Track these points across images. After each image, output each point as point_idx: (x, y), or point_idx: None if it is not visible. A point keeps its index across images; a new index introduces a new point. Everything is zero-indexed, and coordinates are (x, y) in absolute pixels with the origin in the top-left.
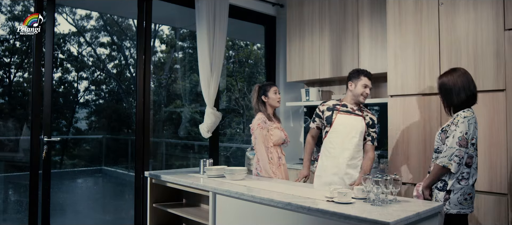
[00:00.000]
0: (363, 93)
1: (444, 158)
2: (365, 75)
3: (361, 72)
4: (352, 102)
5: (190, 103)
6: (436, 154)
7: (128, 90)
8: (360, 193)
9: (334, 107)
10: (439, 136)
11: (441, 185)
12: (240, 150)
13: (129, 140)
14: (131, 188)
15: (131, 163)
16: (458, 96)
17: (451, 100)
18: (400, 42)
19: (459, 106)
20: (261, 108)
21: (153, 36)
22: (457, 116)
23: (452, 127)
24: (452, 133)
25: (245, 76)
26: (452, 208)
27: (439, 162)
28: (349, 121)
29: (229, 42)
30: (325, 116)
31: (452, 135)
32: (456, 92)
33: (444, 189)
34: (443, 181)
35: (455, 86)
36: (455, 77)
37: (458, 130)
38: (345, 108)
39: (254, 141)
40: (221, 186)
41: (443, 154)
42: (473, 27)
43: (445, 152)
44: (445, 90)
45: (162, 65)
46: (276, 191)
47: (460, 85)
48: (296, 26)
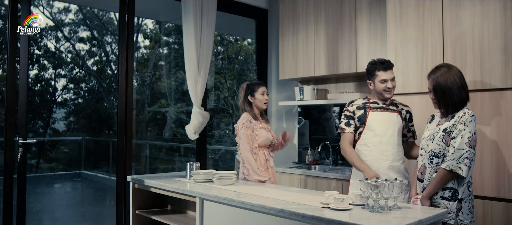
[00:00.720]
0: (385, 89)
1: (452, 161)
2: (381, 68)
3: (375, 67)
4: (378, 99)
5: (176, 103)
6: (437, 159)
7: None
8: (358, 199)
9: (365, 105)
10: (442, 138)
11: (450, 194)
12: (229, 153)
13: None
14: (113, 193)
15: (113, 167)
16: (459, 94)
17: (450, 100)
18: (401, 37)
19: (459, 105)
20: (247, 109)
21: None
22: (464, 114)
23: (460, 126)
24: (461, 133)
25: (235, 73)
26: (465, 218)
27: (445, 166)
28: (383, 117)
29: (218, 37)
30: (357, 115)
31: (460, 135)
32: (456, 90)
33: (454, 198)
34: (451, 190)
35: (454, 85)
36: (452, 75)
37: (467, 130)
38: (377, 105)
39: (239, 142)
40: (209, 191)
41: (450, 156)
42: (479, 21)
43: (452, 155)
44: (443, 90)
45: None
46: (268, 196)
47: (459, 83)
48: (290, 19)
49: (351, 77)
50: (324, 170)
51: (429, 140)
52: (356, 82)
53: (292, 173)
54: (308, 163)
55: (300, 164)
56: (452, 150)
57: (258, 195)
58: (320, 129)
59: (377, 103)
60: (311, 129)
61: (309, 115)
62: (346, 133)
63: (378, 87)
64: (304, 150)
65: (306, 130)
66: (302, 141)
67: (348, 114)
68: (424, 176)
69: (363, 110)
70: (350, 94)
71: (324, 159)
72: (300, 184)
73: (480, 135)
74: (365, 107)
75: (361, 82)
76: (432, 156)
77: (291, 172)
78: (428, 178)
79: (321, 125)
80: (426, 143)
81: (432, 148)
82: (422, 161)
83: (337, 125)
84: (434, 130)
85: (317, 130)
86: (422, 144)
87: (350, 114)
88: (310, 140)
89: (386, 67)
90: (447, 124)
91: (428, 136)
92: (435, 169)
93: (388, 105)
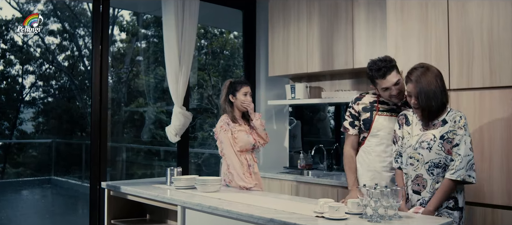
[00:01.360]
0: (391, 96)
1: (461, 170)
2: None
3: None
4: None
5: (155, 102)
6: (438, 169)
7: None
8: (355, 207)
9: (373, 107)
10: (441, 147)
11: (453, 203)
12: (214, 157)
13: (83, 145)
14: (86, 201)
15: (86, 172)
16: (442, 98)
17: (435, 105)
18: (402, 29)
19: (438, 112)
20: (227, 109)
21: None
22: (460, 118)
23: (460, 132)
24: (463, 138)
25: (220, 70)
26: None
27: (456, 177)
28: (391, 123)
29: (201, 29)
30: (363, 118)
31: (463, 141)
32: (439, 94)
33: (457, 207)
34: (453, 198)
35: (437, 89)
36: (434, 78)
37: (466, 134)
38: (386, 106)
39: (221, 146)
40: (191, 199)
41: (459, 165)
42: (488, 12)
43: (460, 163)
44: (427, 95)
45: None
46: (256, 205)
47: (441, 86)
48: (280, 10)
49: (348, 74)
50: (317, 175)
51: (422, 148)
52: (353, 80)
53: (282, 179)
54: (300, 168)
55: (291, 169)
56: (458, 158)
57: (245, 203)
58: (314, 131)
59: (387, 103)
60: (303, 131)
61: (301, 115)
62: (349, 134)
63: (383, 94)
64: (296, 153)
65: (298, 132)
66: (294, 144)
67: (353, 112)
68: (422, 188)
69: (370, 113)
70: (346, 93)
71: (317, 164)
72: (292, 191)
73: (488, 138)
74: (372, 109)
75: (359, 80)
76: (432, 166)
77: (281, 177)
78: (430, 190)
79: (314, 126)
80: (417, 152)
81: (431, 158)
82: (416, 171)
83: (332, 127)
84: (424, 137)
85: (310, 131)
86: (410, 152)
87: (355, 113)
88: (302, 143)
89: (384, 74)
90: (442, 129)
91: (417, 143)
92: (437, 180)
93: (400, 106)
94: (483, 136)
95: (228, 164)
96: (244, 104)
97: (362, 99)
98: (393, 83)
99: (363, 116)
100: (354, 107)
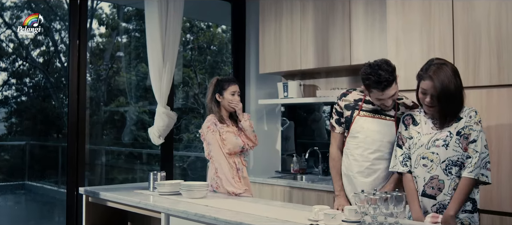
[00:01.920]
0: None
1: (478, 168)
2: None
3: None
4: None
5: (137, 101)
6: (456, 168)
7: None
8: (353, 215)
9: (356, 105)
10: (458, 143)
11: (471, 205)
12: (200, 160)
13: (60, 147)
14: (62, 208)
15: (62, 177)
16: (462, 99)
17: (453, 107)
18: (403, 23)
19: (458, 110)
20: (214, 109)
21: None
22: (475, 114)
23: (476, 127)
24: (479, 135)
25: (207, 66)
26: None
27: (474, 175)
28: (373, 125)
29: (187, 23)
30: (345, 115)
31: (479, 137)
32: (458, 96)
33: (475, 208)
34: (471, 200)
35: (458, 89)
36: (453, 75)
37: (482, 130)
38: (370, 106)
39: (208, 148)
40: (176, 205)
41: (477, 163)
42: (496, 5)
43: (477, 161)
44: (447, 97)
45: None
46: (246, 212)
47: (460, 85)
48: (272, 3)
49: (344, 71)
50: (312, 180)
51: (437, 147)
52: (350, 77)
53: (274, 184)
54: (293, 173)
55: (284, 174)
56: (475, 155)
57: (234, 211)
58: (308, 132)
59: (372, 104)
60: (297, 132)
61: (294, 116)
62: (335, 133)
63: (373, 100)
64: (289, 157)
65: (291, 133)
66: (287, 146)
67: (339, 109)
68: (437, 191)
69: (351, 112)
70: (343, 91)
71: (312, 168)
72: (284, 197)
73: (496, 139)
74: (355, 107)
75: (356, 77)
76: (450, 165)
77: (273, 183)
78: (448, 192)
79: (308, 127)
80: (430, 151)
81: (449, 156)
82: (430, 173)
83: (328, 128)
84: (439, 135)
85: (304, 133)
86: (422, 151)
87: (339, 109)
88: (295, 145)
89: (384, 88)
90: (458, 125)
91: (429, 142)
92: (456, 180)
93: (385, 110)
94: (491, 137)
95: (216, 167)
96: (231, 104)
97: (347, 96)
98: (390, 96)
99: (345, 114)
100: (339, 103)
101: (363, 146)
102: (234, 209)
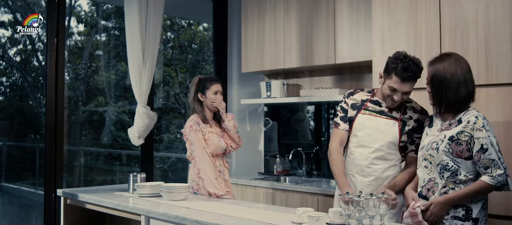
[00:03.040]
0: (390, 97)
1: (502, 175)
2: (400, 75)
3: (394, 69)
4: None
5: (116, 101)
6: (447, 173)
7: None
8: (337, 217)
9: (362, 105)
10: (448, 148)
11: (464, 213)
12: (181, 161)
13: (37, 148)
14: (40, 210)
15: (40, 178)
16: (457, 91)
17: (444, 96)
18: (389, 21)
19: (455, 105)
20: (197, 109)
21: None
22: (477, 119)
23: (479, 134)
24: (489, 140)
25: (188, 65)
26: None
27: (495, 183)
28: (375, 124)
29: (167, 21)
30: (349, 115)
31: (489, 143)
32: (454, 86)
33: (468, 217)
34: (464, 207)
35: (454, 78)
36: (455, 68)
37: (490, 135)
38: (376, 107)
39: (191, 148)
40: (156, 208)
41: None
42: (484, 3)
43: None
44: (439, 82)
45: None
46: (228, 214)
47: (461, 78)
48: (255, 0)
49: (329, 70)
50: (296, 182)
51: (432, 149)
52: (335, 76)
53: (257, 186)
54: (276, 174)
55: (267, 175)
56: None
57: (216, 213)
58: (291, 133)
59: (379, 104)
60: (280, 133)
61: (278, 116)
62: (339, 129)
63: (384, 90)
64: (272, 158)
65: (274, 134)
66: (270, 147)
67: (346, 107)
68: (431, 193)
69: (356, 111)
70: (327, 91)
71: (296, 169)
72: (267, 199)
73: None
74: (360, 107)
75: (341, 76)
76: (442, 169)
77: (255, 184)
78: (438, 195)
79: (292, 128)
80: (429, 153)
81: (440, 160)
82: (429, 175)
83: (312, 128)
84: (438, 137)
85: (287, 133)
86: (424, 153)
87: (346, 107)
88: (279, 146)
89: (406, 79)
90: (454, 130)
91: (429, 144)
92: (446, 185)
93: (389, 111)
94: None
95: (198, 168)
96: (214, 104)
97: (354, 95)
98: (404, 91)
99: (350, 113)
100: (346, 100)
101: (363, 144)
102: (216, 211)
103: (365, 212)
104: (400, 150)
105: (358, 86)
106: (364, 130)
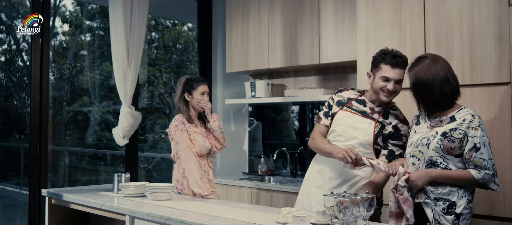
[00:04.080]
0: (384, 89)
1: (489, 174)
2: (389, 62)
3: (382, 58)
4: (372, 99)
5: (101, 101)
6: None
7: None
8: (322, 217)
9: (347, 101)
10: (440, 144)
11: (445, 207)
12: (166, 161)
13: (22, 148)
14: (24, 210)
15: (24, 178)
16: (441, 91)
17: (430, 97)
18: (373, 21)
19: (440, 105)
20: (182, 108)
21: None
22: (473, 118)
23: (472, 132)
24: (483, 140)
25: (172, 65)
26: None
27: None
28: (352, 121)
29: (152, 21)
30: (333, 111)
31: (482, 143)
32: (437, 86)
33: (451, 212)
34: (447, 201)
35: (436, 78)
36: (435, 68)
37: (485, 135)
38: (360, 106)
39: (176, 148)
40: (141, 208)
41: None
42: (469, 3)
43: (489, 172)
44: (422, 86)
45: (65, 51)
46: (213, 214)
47: (442, 76)
48: (239, 0)
49: (313, 70)
50: (280, 182)
51: (422, 145)
52: (319, 76)
53: (241, 186)
54: (261, 174)
55: (251, 175)
56: (485, 163)
57: (201, 213)
58: (276, 133)
59: (363, 104)
60: (264, 133)
61: (262, 116)
62: (320, 124)
63: (376, 84)
64: (256, 158)
65: (258, 134)
66: (254, 147)
67: (331, 102)
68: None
69: (340, 107)
70: (312, 91)
71: (280, 169)
72: (251, 199)
73: None
74: (345, 103)
75: (326, 76)
76: (429, 165)
77: (240, 184)
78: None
79: (277, 128)
80: (418, 149)
81: (430, 156)
82: None
83: (297, 128)
84: (428, 134)
85: (272, 133)
86: (412, 150)
87: (331, 104)
88: (263, 146)
89: (396, 64)
90: (446, 127)
91: (418, 140)
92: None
93: (371, 112)
94: None
95: (183, 167)
96: (200, 104)
97: (342, 93)
98: (396, 79)
99: (333, 109)
100: (333, 97)
101: (338, 139)
102: (201, 211)
103: (350, 211)
104: (375, 152)
105: (343, 86)
106: (341, 126)
